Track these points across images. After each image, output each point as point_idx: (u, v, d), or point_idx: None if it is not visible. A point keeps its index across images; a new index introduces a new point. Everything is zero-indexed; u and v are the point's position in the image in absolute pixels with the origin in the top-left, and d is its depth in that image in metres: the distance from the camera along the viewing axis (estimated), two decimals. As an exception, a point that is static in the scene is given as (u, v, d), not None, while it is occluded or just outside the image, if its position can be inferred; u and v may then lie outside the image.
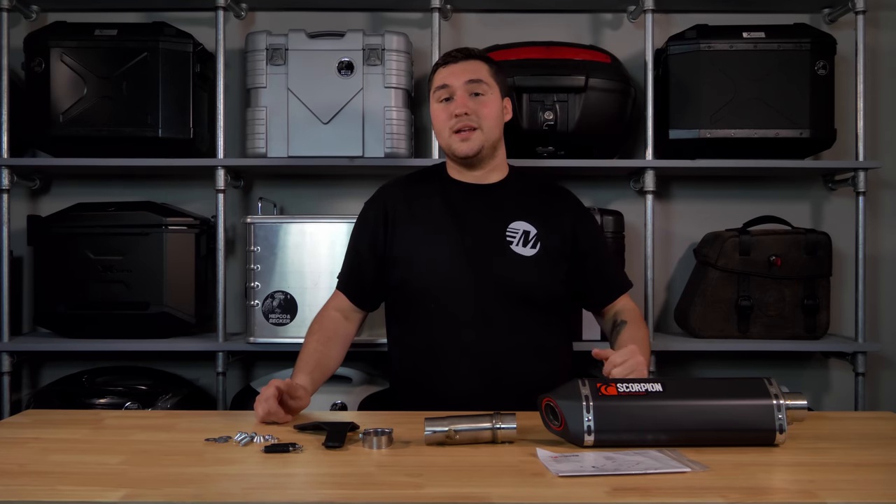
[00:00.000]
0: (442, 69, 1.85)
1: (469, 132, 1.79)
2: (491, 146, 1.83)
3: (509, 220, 1.82)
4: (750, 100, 2.36)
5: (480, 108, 1.80)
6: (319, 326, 1.83)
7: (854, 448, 1.36)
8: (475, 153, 1.81)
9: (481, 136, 1.80)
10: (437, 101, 1.84)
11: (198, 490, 1.13)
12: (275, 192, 2.65)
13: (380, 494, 1.12)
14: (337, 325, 1.84)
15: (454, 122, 1.79)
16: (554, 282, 1.82)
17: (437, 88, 1.83)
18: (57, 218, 2.41)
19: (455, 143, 1.81)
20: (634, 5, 2.56)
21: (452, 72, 1.82)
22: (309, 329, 1.83)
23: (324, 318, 1.85)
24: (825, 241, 2.41)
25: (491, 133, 1.82)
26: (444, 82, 1.82)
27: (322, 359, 1.76)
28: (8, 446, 1.37)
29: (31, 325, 2.64)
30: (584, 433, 1.30)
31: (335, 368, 1.82)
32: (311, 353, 1.75)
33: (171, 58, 2.37)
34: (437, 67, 1.87)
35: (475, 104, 1.80)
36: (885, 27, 2.67)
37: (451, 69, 1.83)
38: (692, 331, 2.45)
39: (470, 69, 1.82)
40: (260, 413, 1.51)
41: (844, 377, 2.61)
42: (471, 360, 1.76)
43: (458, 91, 1.80)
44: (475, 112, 1.79)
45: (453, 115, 1.79)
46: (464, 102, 1.79)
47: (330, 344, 1.80)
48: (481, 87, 1.81)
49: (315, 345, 1.77)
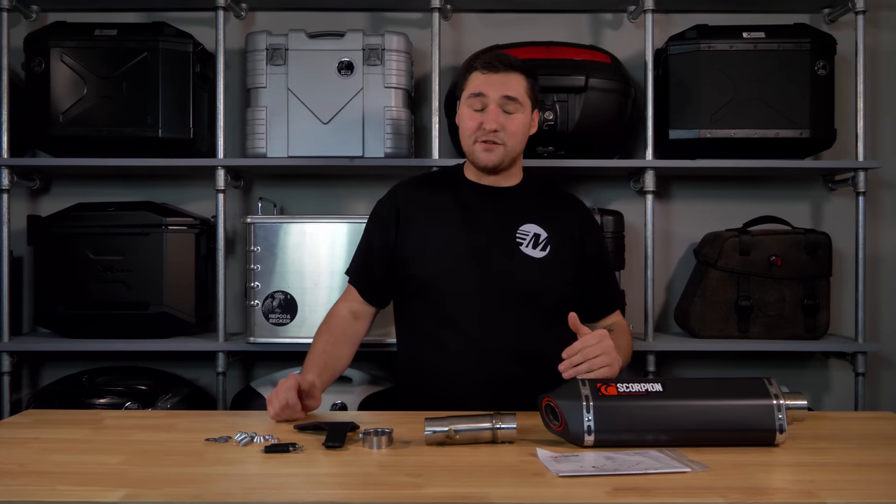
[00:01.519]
0: (480, 75, 1.81)
1: (493, 145, 1.79)
2: (512, 159, 1.84)
3: (521, 223, 1.83)
4: (750, 100, 2.36)
5: (509, 124, 1.79)
6: (328, 327, 1.83)
7: (854, 448, 1.36)
8: (495, 165, 1.82)
9: (504, 151, 1.80)
10: (468, 106, 1.82)
11: (198, 490, 1.13)
12: (275, 192, 2.65)
13: (380, 494, 1.12)
14: (346, 325, 1.84)
15: (480, 134, 1.79)
16: (561, 285, 1.82)
17: (472, 94, 1.80)
18: (57, 218, 2.41)
19: (478, 153, 1.81)
20: (634, 5, 2.56)
21: (491, 82, 1.79)
22: (318, 329, 1.83)
23: (333, 318, 1.85)
24: (825, 241, 2.41)
25: (514, 149, 1.82)
26: (480, 90, 1.79)
27: (330, 360, 1.76)
28: (8, 446, 1.37)
29: (31, 325, 2.64)
30: (584, 433, 1.30)
31: (343, 369, 1.82)
32: (319, 353, 1.76)
33: (171, 58, 2.37)
34: (475, 69, 1.82)
35: (505, 120, 1.79)
36: (885, 27, 2.67)
37: (490, 79, 1.79)
38: (692, 331, 2.45)
39: (509, 84, 1.79)
40: (276, 405, 1.51)
41: (844, 377, 2.61)
42: (474, 356, 1.76)
43: (492, 105, 1.78)
44: (503, 128, 1.79)
45: (482, 127, 1.78)
46: (495, 118, 1.78)
47: (339, 345, 1.80)
48: (514, 106, 1.79)
49: (324, 345, 1.78)
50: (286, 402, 1.51)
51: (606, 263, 1.95)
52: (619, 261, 2.43)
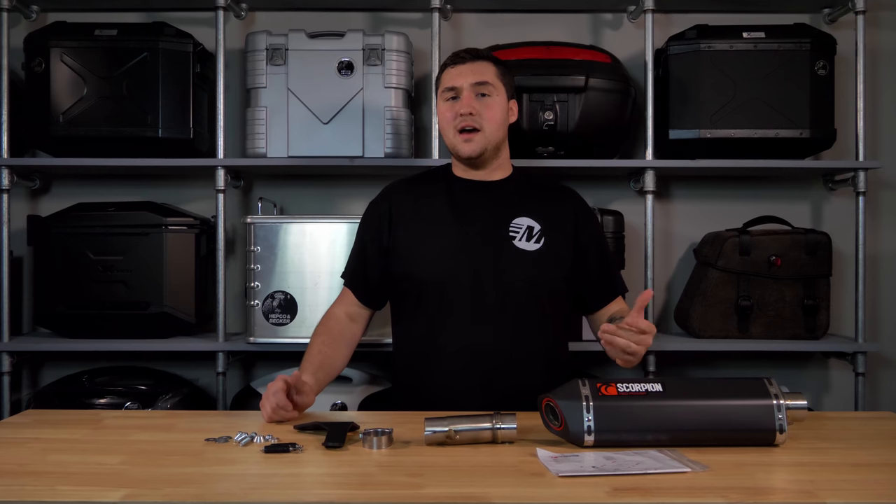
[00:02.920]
0: (450, 69, 1.86)
1: (472, 133, 1.81)
2: (494, 147, 1.85)
3: (513, 216, 1.83)
4: (750, 100, 2.36)
5: (485, 109, 1.81)
6: (325, 328, 1.84)
7: (854, 448, 1.36)
8: (478, 154, 1.83)
9: (483, 138, 1.82)
10: (444, 101, 1.85)
11: (198, 490, 1.13)
12: (275, 192, 2.65)
13: (380, 494, 1.12)
14: (343, 326, 1.85)
15: (458, 122, 1.81)
16: (555, 277, 1.82)
17: (445, 89, 1.85)
18: (57, 218, 2.41)
19: (459, 144, 1.83)
20: (634, 5, 2.56)
21: (460, 72, 1.83)
22: (315, 330, 1.84)
23: (330, 319, 1.86)
24: (825, 241, 2.41)
25: (493, 135, 1.83)
26: (451, 83, 1.84)
27: (326, 360, 1.77)
28: (8, 446, 1.37)
29: (31, 325, 2.64)
30: (584, 433, 1.30)
31: (340, 370, 1.83)
32: (315, 353, 1.77)
33: (171, 58, 2.37)
34: (445, 67, 1.88)
35: (480, 105, 1.81)
36: (885, 27, 2.67)
37: (459, 69, 1.84)
38: (692, 331, 2.45)
39: (477, 70, 1.83)
40: (269, 408, 1.52)
41: (844, 377, 2.61)
42: (469, 352, 1.76)
43: (465, 91, 1.82)
44: (479, 113, 1.81)
45: (458, 114, 1.81)
46: (469, 102, 1.81)
47: (335, 345, 1.81)
48: (487, 89, 1.82)
49: (320, 346, 1.78)
50: (276, 405, 1.51)
51: (604, 249, 1.94)
52: (619, 261, 2.43)
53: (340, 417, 1.59)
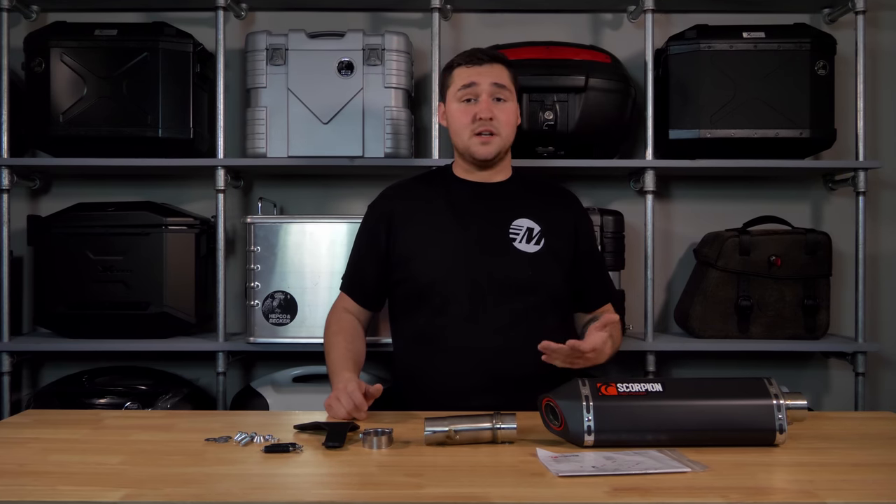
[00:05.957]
0: (465, 68, 1.83)
1: (489, 136, 1.81)
2: (505, 151, 1.86)
3: (513, 218, 1.83)
4: (750, 100, 2.36)
5: (501, 113, 1.81)
6: (340, 327, 1.84)
7: (854, 448, 1.36)
8: (493, 157, 1.83)
9: (499, 142, 1.82)
10: (459, 101, 1.83)
11: (198, 490, 1.13)
12: (275, 192, 2.65)
13: (380, 494, 1.12)
14: (354, 324, 1.87)
15: (477, 126, 1.80)
16: (555, 279, 1.82)
17: (462, 87, 1.82)
18: (57, 218, 2.41)
19: (475, 146, 1.82)
20: (634, 5, 2.56)
21: (479, 73, 1.81)
22: (329, 330, 1.85)
23: (341, 319, 1.87)
24: (825, 241, 2.41)
25: (508, 139, 1.84)
26: (470, 80, 1.81)
27: (356, 356, 1.79)
28: (8, 446, 1.37)
29: (31, 325, 2.64)
30: (584, 433, 1.30)
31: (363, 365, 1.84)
32: (344, 350, 1.78)
33: (171, 58, 2.37)
34: (457, 66, 1.85)
35: (498, 110, 1.81)
36: (885, 27, 2.67)
37: (477, 70, 1.82)
38: (692, 331, 2.45)
39: (495, 73, 1.82)
40: (346, 408, 1.52)
41: (844, 377, 2.61)
42: (470, 353, 1.76)
43: (484, 94, 1.80)
44: (496, 117, 1.80)
45: (477, 117, 1.80)
46: (489, 107, 1.79)
47: (356, 341, 1.83)
48: (503, 93, 1.82)
49: (345, 343, 1.80)
50: (353, 406, 1.53)
51: (598, 256, 1.98)
52: (619, 261, 2.43)
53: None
